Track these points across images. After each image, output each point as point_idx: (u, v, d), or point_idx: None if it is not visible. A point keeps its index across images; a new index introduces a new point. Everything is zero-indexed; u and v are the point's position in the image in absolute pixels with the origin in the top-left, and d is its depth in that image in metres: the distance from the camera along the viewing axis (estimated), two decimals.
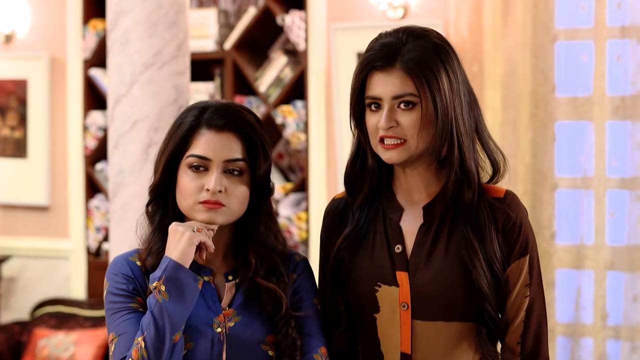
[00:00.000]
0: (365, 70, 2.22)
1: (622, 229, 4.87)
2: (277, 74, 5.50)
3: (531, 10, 4.88)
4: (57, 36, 5.92)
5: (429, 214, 2.25)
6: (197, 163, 2.18)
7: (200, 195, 2.17)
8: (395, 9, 5.21)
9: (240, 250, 2.26)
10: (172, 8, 3.81)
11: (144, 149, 3.79)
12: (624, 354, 4.91)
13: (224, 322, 2.20)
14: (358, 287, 2.27)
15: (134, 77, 3.79)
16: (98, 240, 5.90)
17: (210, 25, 5.61)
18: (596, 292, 4.91)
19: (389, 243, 2.27)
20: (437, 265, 2.21)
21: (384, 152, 2.21)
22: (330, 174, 5.41)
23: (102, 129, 5.80)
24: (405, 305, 2.22)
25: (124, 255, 2.24)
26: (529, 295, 2.23)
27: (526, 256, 2.24)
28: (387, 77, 2.19)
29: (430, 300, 2.21)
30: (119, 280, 2.19)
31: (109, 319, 2.18)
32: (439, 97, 2.16)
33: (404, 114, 2.18)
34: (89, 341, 5.54)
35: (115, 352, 2.14)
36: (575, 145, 4.92)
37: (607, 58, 4.83)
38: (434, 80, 2.16)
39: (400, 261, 2.24)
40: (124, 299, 2.17)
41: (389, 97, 2.18)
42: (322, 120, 5.41)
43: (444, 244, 2.22)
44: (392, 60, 2.18)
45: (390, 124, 2.18)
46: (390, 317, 2.24)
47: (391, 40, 2.20)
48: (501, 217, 2.22)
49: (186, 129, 2.19)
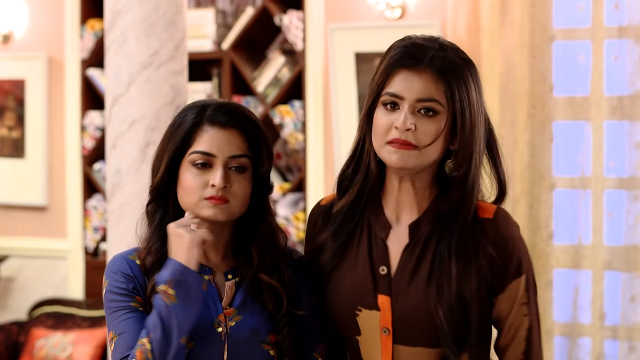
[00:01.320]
0: (394, 66, 2.08)
1: (619, 228, 4.87)
2: (275, 74, 5.49)
3: (529, 10, 4.89)
4: (55, 36, 5.92)
5: (415, 234, 2.14)
6: (201, 160, 2.17)
7: (205, 191, 2.16)
8: (393, 9, 5.21)
9: (241, 249, 2.25)
10: (169, 8, 3.81)
11: (142, 149, 3.79)
12: (622, 353, 4.91)
13: (225, 322, 2.19)
14: (338, 310, 2.17)
15: (131, 77, 3.79)
16: (96, 240, 5.90)
17: (207, 25, 5.61)
18: (594, 292, 4.91)
19: (372, 263, 2.15)
20: (419, 291, 2.10)
21: (391, 153, 2.07)
22: (328, 174, 5.41)
23: (99, 129, 5.80)
24: (386, 330, 2.13)
25: (123, 254, 2.24)
26: (527, 314, 2.15)
27: (521, 277, 2.13)
28: (415, 77, 2.07)
29: (413, 326, 2.11)
30: (118, 279, 2.18)
31: (109, 318, 2.17)
32: (468, 110, 2.06)
33: (424, 121, 2.06)
34: (87, 341, 5.54)
35: (115, 350, 2.13)
36: (573, 145, 4.92)
37: (605, 58, 4.83)
38: (465, 92, 2.06)
39: (383, 284, 2.13)
40: (123, 298, 2.16)
41: (413, 98, 2.06)
42: (320, 120, 5.41)
43: (428, 267, 2.11)
44: (423, 62, 2.07)
45: (411, 126, 2.05)
46: (372, 341, 2.15)
47: (423, 43, 2.10)
48: (491, 239, 2.10)
49: (188, 127, 2.19)
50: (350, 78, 5.28)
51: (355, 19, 5.32)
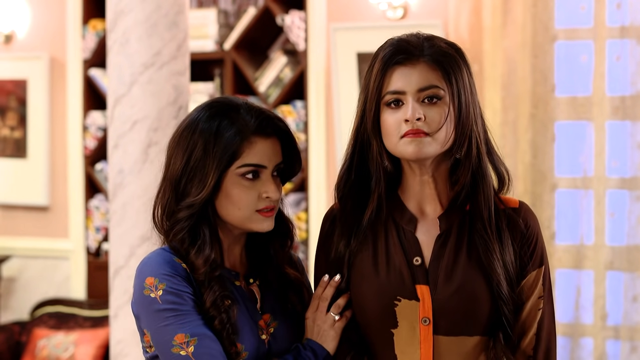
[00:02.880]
0: (387, 65, 2.14)
1: (621, 229, 4.87)
2: (277, 74, 5.50)
3: (531, 10, 4.88)
4: (57, 36, 5.92)
5: (446, 224, 2.18)
6: (252, 171, 2.12)
7: (258, 204, 2.13)
8: (395, 9, 5.21)
9: (257, 248, 2.23)
10: (171, 8, 3.81)
11: (144, 149, 3.79)
12: (624, 354, 4.91)
13: (266, 328, 2.17)
14: (375, 302, 2.17)
15: (133, 77, 3.79)
16: (98, 240, 5.90)
17: (210, 26, 5.61)
18: (596, 292, 4.91)
19: (406, 255, 2.17)
20: (460, 278, 2.13)
21: (407, 144, 2.11)
22: (330, 174, 5.41)
23: (101, 129, 5.80)
24: (426, 320, 2.14)
25: (165, 257, 2.13)
26: (542, 307, 2.19)
27: (542, 267, 2.19)
28: (410, 70, 2.12)
29: (454, 314, 2.13)
30: (177, 282, 2.09)
31: (174, 320, 2.07)
32: (463, 92, 2.12)
33: (430, 108, 2.11)
34: (89, 341, 5.54)
35: (202, 351, 2.05)
36: (575, 146, 4.92)
37: (607, 58, 4.83)
38: (459, 74, 2.12)
39: (420, 274, 2.15)
40: (187, 301, 2.08)
41: (414, 90, 2.11)
42: (322, 120, 5.41)
43: (465, 254, 2.15)
44: (415, 54, 2.13)
45: (419, 115, 2.09)
46: (409, 333, 2.15)
47: (410, 39, 2.16)
48: (518, 228, 2.17)
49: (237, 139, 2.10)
50: (352, 78, 5.28)
51: (357, 19, 5.32)
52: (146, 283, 2.09)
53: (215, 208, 2.14)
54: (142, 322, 2.12)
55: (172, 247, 2.14)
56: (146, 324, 2.10)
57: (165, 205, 2.15)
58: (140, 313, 2.11)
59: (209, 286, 2.10)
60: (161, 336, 2.07)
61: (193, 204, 2.11)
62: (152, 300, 2.08)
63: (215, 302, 2.08)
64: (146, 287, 2.09)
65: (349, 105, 5.30)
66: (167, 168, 2.17)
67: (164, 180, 2.17)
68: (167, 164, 2.17)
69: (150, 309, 2.08)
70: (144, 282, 2.10)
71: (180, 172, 2.12)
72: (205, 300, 2.09)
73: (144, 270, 2.12)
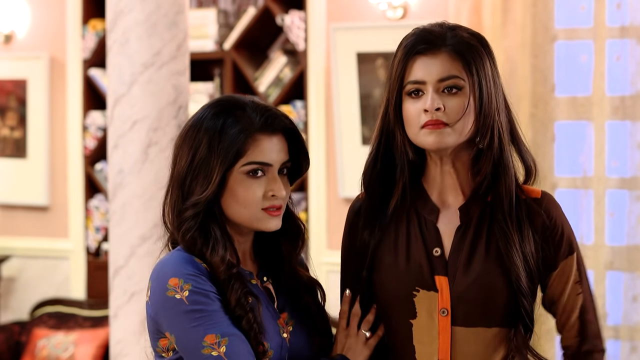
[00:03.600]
0: (409, 55, 2.13)
1: (621, 229, 4.87)
2: (277, 74, 5.50)
3: (530, 10, 4.88)
4: (57, 36, 5.92)
5: (466, 215, 2.18)
6: (258, 170, 2.10)
7: (264, 202, 2.10)
8: (395, 9, 5.21)
9: (266, 247, 2.21)
10: (171, 8, 3.81)
11: (144, 149, 3.79)
12: (624, 353, 4.91)
13: (285, 327, 2.15)
14: (394, 291, 2.18)
15: (133, 77, 3.79)
16: (97, 240, 5.90)
17: (209, 26, 5.61)
18: (596, 292, 4.91)
19: (426, 245, 2.18)
20: (477, 269, 2.14)
21: (427, 135, 2.12)
22: (330, 174, 5.41)
23: (101, 129, 5.80)
24: (444, 311, 2.15)
25: (188, 258, 2.09)
26: (581, 292, 2.23)
27: (573, 254, 2.21)
28: (431, 60, 2.12)
29: (472, 305, 2.14)
30: (202, 281, 2.05)
31: (202, 320, 2.02)
32: (484, 82, 2.12)
33: (450, 99, 2.12)
34: (89, 341, 5.54)
35: (234, 350, 2.01)
36: (575, 145, 4.92)
37: (607, 58, 4.83)
38: (481, 64, 2.13)
39: (439, 265, 2.16)
40: (214, 301, 2.05)
41: (434, 79, 2.12)
42: (322, 120, 5.41)
43: (484, 246, 2.16)
44: (437, 44, 2.13)
45: (439, 105, 2.10)
46: (428, 324, 2.16)
47: (433, 29, 2.16)
48: (540, 218, 2.18)
49: (241, 136, 2.08)
50: (352, 78, 5.28)
51: (357, 19, 5.32)
52: (170, 284, 2.04)
53: (221, 207, 2.12)
54: (163, 325, 2.06)
55: (186, 248, 2.10)
56: (170, 326, 2.05)
57: (174, 205, 2.13)
58: (162, 316, 2.06)
59: (230, 284, 2.07)
60: (190, 338, 2.02)
61: (198, 202, 2.08)
62: (177, 302, 2.03)
63: (239, 300, 2.06)
64: (170, 288, 2.04)
65: (349, 105, 5.30)
66: (173, 167, 2.15)
67: (170, 179, 2.15)
68: (173, 163, 2.15)
69: (176, 310, 2.04)
70: (166, 283, 2.05)
71: (185, 170, 2.10)
72: (230, 299, 2.06)
73: (165, 272, 2.07)
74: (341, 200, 5.36)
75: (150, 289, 2.09)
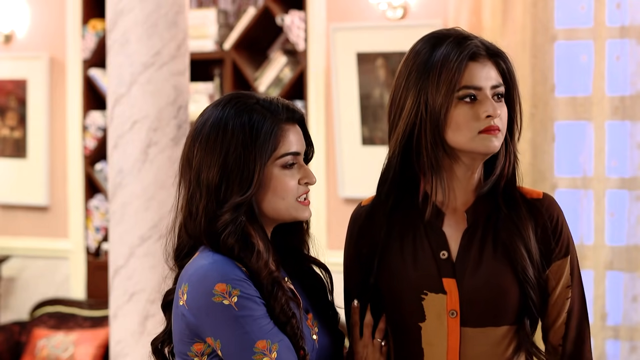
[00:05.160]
0: (463, 61, 2.15)
1: (621, 229, 4.87)
2: (277, 74, 5.50)
3: (530, 10, 4.88)
4: (57, 36, 5.92)
5: (473, 218, 2.21)
6: (292, 161, 2.11)
7: (299, 191, 2.11)
8: (395, 9, 5.21)
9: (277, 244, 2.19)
10: (171, 8, 3.81)
11: (144, 149, 3.79)
12: (624, 353, 4.91)
13: (313, 329, 2.14)
14: (402, 296, 2.19)
15: (133, 77, 3.79)
16: (97, 240, 5.90)
17: (209, 26, 5.61)
18: (595, 292, 4.91)
19: (432, 249, 2.20)
20: (487, 270, 2.16)
21: (487, 140, 2.15)
22: (330, 174, 5.41)
23: (101, 129, 5.81)
24: (453, 312, 2.17)
25: (230, 262, 2.06)
26: (570, 297, 2.22)
27: (568, 257, 2.21)
28: (482, 67, 2.16)
29: (481, 306, 2.16)
30: (248, 286, 2.03)
31: (253, 325, 2.01)
32: (514, 85, 2.20)
33: (500, 106, 2.17)
34: (89, 341, 5.54)
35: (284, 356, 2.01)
36: (575, 145, 4.92)
37: (607, 58, 4.83)
38: (513, 72, 2.20)
39: (446, 268, 2.18)
40: (261, 306, 2.03)
41: (489, 86, 2.16)
42: (322, 120, 5.41)
43: (491, 247, 2.18)
44: (481, 52, 2.17)
45: (498, 112, 2.15)
46: (437, 326, 2.18)
47: (467, 34, 2.20)
48: (541, 218, 2.20)
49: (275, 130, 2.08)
50: (352, 78, 5.28)
51: (356, 19, 5.32)
52: (216, 290, 2.00)
53: (257, 205, 2.10)
54: (206, 331, 2.03)
55: (225, 252, 2.07)
56: (216, 332, 2.02)
57: (206, 212, 2.08)
58: (207, 321, 2.02)
59: (274, 290, 2.05)
60: (240, 344, 2.00)
61: (240, 203, 2.06)
62: (226, 307, 2.00)
63: (283, 307, 2.04)
64: (217, 294, 2.01)
65: (348, 105, 5.30)
66: (196, 174, 2.09)
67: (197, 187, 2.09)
68: (197, 170, 2.09)
69: (225, 316, 2.00)
70: (212, 288, 2.01)
71: (218, 175, 2.07)
72: (274, 305, 2.04)
73: (209, 277, 2.03)
74: (341, 200, 5.36)
75: (188, 292, 2.04)
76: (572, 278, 2.22)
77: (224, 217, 2.06)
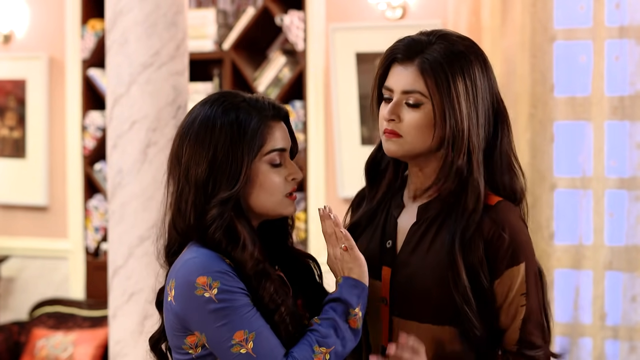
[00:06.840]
0: (388, 61, 2.22)
1: (620, 229, 4.87)
2: (276, 74, 5.50)
3: (529, 10, 4.89)
4: (56, 36, 5.92)
5: (423, 214, 2.25)
6: (278, 157, 2.16)
7: (286, 187, 2.16)
8: (394, 9, 5.21)
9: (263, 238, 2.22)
10: (170, 8, 3.81)
11: (143, 149, 3.79)
12: (623, 354, 4.91)
13: (304, 315, 2.19)
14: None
15: (132, 77, 3.79)
16: (97, 240, 5.90)
17: (208, 26, 5.61)
18: (595, 292, 4.91)
19: (382, 237, 2.27)
20: (417, 264, 2.20)
21: (385, 141, 2.21)
22: (329, 174, 5.41)
23: (100, 129, 5.81)
24: (384, 300, 2.23)
25: (213, 255, 2.10)
26: (525, 304, 2.17)
27: (519, 265, 2.17)
28: (403, 71, 2.19)
29: (409, 298, 2.20)
30: (230, 278, 2.06)
31: (232, 316, 2.04)
32: (448, 103, 2.14)
33: (408, 112, 2.18)
34: (88, 341, 5.54)
35: (261, 346, 2.04)
36: (574, 146, 4.92)
37: (606, 58, 4.83)
38: (446, 85, 2.15)
39: (387, 256, 2.25)
40: (243, 297, 2.06)
41: (400, 90, 2.18)
42: (321, 120, 5.41)
43: (428, 244, 2.21)
44: (412, 56, 2.18)
45: (392, 116, 2.18)
46: (373, 310, 2.24)
47: (421, 38, 2.21)
48: (487, 226, 2.17)
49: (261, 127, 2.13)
50: (351, 78, 5.28)
51: (356, 19, 5.32)
52: (198, 283, 2.05)
53: (244, 200, 2.14)
54: (192, 324, 2.07)
55: (212, 246, 2.11)
56: (200, 325, 2.06)
57: (195, 207, 2.12)
58: (191, 315, 2.07)
59: (260, 280, 2.09)
60: (220, 336, 2.05)
61: (228, 198, 2.10)
62: (207, 300, 2.05)
63: (272, 296, 2.09)
64: (198, 287, 2.05)
65: (348, 105, 5.30)
66: (185, 171, 2.14)
67: (185, 183, 2.14)
68: (185, 166, 2.14)
69: (206, 309, 2.05)
70: (194, 282, 2.05)
71: (207, 171, 2.12)
72: (263, 295, 2.08)
73: (191, 270, 2.07)
74: (340, 200, 5.36)
75: (175, 287, 2.10)
76: (527, 285, 2.17)
77: (212, 211, 2.10)
